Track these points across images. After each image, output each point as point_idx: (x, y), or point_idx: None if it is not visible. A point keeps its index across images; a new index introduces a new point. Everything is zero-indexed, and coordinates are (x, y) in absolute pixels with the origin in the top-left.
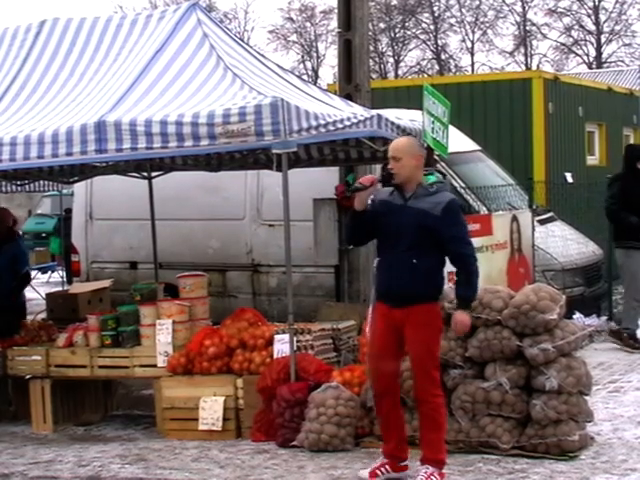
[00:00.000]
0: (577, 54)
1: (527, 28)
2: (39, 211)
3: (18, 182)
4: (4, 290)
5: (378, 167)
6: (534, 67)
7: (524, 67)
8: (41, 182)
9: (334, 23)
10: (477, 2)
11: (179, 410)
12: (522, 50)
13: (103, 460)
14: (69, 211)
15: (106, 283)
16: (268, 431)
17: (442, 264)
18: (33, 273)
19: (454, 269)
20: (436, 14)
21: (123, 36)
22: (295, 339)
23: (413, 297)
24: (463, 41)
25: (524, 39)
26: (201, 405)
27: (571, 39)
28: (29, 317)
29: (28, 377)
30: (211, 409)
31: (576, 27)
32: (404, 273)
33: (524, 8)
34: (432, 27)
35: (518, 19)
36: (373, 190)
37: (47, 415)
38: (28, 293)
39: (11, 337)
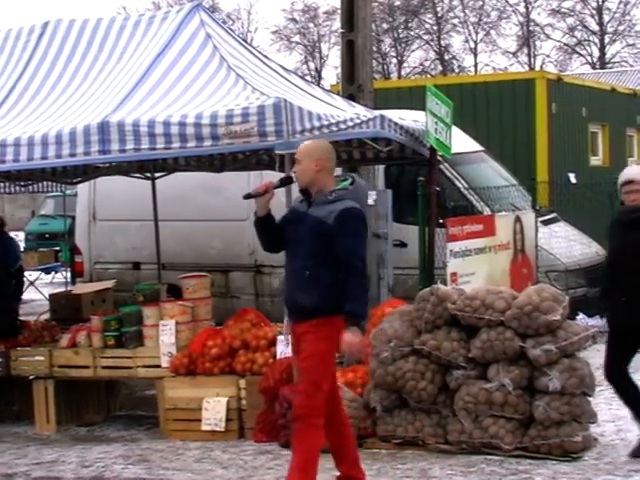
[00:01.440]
0: (580, 54)
1: (530, 28)
2: (42, 212)
3: (22, 183)
4: (6, 291)
5: (381, 167)
6: (537, 67)
7: (527, 67)
8: (44, 183)
9: (337, 24)
10: (480, 2)
11: (182, 411)
12: (525, 50)
13: (106, 461)
14: None
15: (109, 284)
16: (270, 432)
17: (338, 275)
18: (36, 274)
19: (456, 270)
20: (439, 15)
21: (126, 37)
22: None
23: (309, 311)
24: (466, 41)
25: (527, 39)
26: (204, 406)
27: (574, 39)
28: (32, 317)
29: (31, 377)
30: (214, 410)
31: (579, 27)
32: (300, 285)
33: (527, 8)
34: (435, 28)
35: (521, 19)
36: (270, 196)
37: (50, 415)
38: (31, 294)
39: (14, 337)
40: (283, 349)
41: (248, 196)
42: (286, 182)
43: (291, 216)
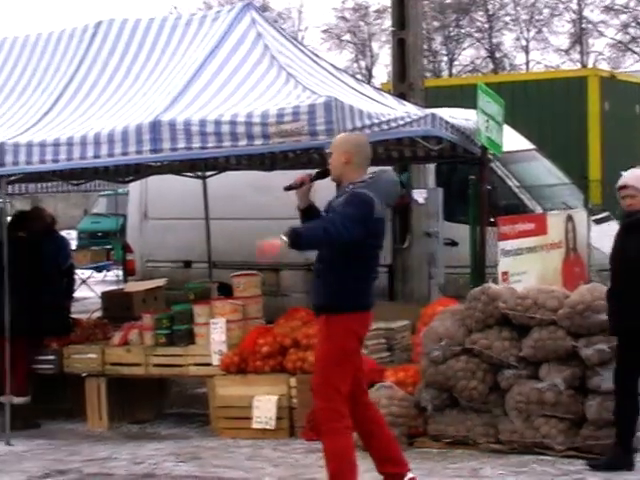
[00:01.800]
0: (634, 52)
1: (583, 26)
2: (95, 210)
3: (74, 181)
4: (58, 289)
5: (432, 166)
6: (590, 65)
7: (580, 65)
8: (97, 182)
9: (388, 22)
10: (532, 0)
11: (232, 409)
12: (578, 48)
13: (157, 458)
14: None
15: (160, 282)
16: None
17: (350, 271)
18: (88, 272)
19: (507, 269)
20: (490, 12)
21: (178, 36)
22: None
23: (317, 307)
24: (518, 39)
25: (580, 37)
26: (254, 404)
27: (628, 36)
28: (84, 315)
29: (84, 375)
30: (264, 408)
31: (633, 24)
32: (314, 279)
33: (580, 5)
34: (486, 25)
35: (574, 17)
36: (308, 188)
37: (102, 413)
38: (83, 292)
39: (67, 335)
40: None
41: (288, 188)
42: (322, 175)
43: (325, 209)
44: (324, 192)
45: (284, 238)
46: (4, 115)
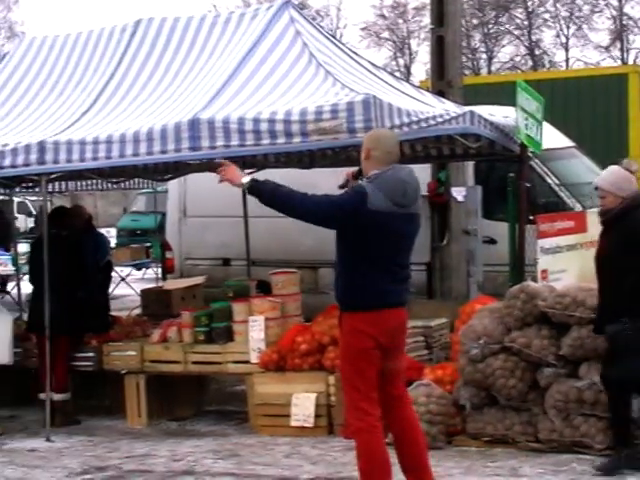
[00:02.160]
0: None
1: (623, 22)
2: (134, 208)
3: (114, 180)
4: (95, 287)
5: (471, 164)
6: (630, 62)
7: (620, 62)
8: (136, 179)
9: (426, 19)
10: None
11: (271, 406)
12: (618, 45)
13: (196, 455)
14: None
15: (199, 280)
16: None
17: (358, 269)
18: (127, 270)
19: (546, 267)
20: (530, 9)
21: (216, 35)
22: None
23: (338, 302)
24: (557, 36)
25: (620, 33)
26: (293, 401)
27: None
28: (124, 313)
29: (123, 372)
30: (303, 405)
31: None
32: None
33: (620, 2)
34: (526, 22)
35: (614, 13)
36: (352, 186)
37: (141, 410)
38: (123, 289)
39: (106, 332)
40: None
41: (342, 186)
42: (359, 173)
43: None
44: None
45: (246, 181)
46: (44, 113)
